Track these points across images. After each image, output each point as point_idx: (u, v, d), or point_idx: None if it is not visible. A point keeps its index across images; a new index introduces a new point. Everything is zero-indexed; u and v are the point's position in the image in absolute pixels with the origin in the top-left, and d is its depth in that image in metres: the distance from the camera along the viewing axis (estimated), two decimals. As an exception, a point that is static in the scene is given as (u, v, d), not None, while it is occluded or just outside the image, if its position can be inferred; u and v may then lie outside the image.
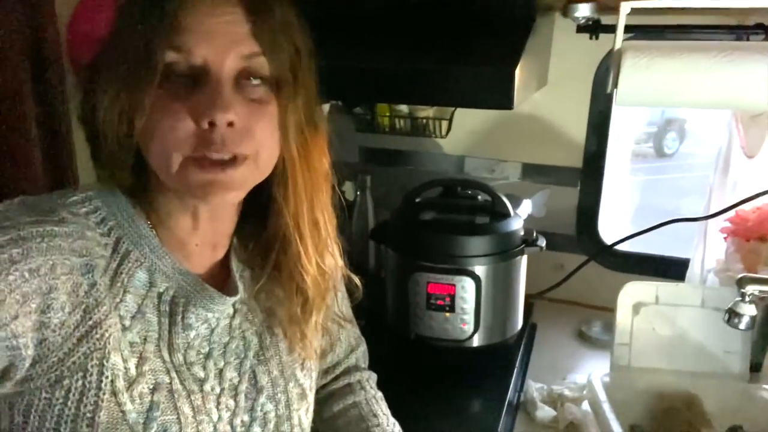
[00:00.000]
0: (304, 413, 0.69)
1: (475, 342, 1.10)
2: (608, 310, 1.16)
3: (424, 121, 1.42)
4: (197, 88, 0.52)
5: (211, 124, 0.51)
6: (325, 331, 0.73)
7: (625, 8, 0.98)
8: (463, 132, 1.45)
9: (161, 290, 0.58)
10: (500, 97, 0.89)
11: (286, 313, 0.66)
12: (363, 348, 0.87)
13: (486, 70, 0.91)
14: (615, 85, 0.98)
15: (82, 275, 0.52)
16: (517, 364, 1.14)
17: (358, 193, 1.46)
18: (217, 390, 0.60)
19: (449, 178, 1.22)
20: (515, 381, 1.10)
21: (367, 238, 1.32)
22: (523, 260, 1.14)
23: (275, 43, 0.55)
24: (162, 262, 0.58)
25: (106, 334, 0.52)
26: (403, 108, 1.41)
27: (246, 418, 0.62)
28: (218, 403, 0.60)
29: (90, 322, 0.51)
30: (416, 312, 1.08)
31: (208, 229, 0.62)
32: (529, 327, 1.29)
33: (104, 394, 0.52)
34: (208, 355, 0.61)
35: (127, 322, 0.55)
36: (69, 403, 0.51)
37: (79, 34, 0.88)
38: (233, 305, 0.64)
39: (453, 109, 1.40)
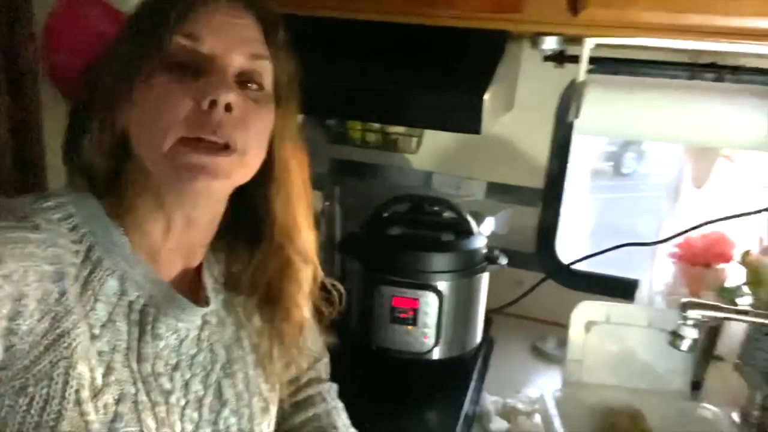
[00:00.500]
0: (266, 427, 0.69)
1: (435, 355, 1.13)
2: (563, 327, 1.21)
3: (395, 136, 1.45)
4: (200, 77, 0.54)
5: (212, 104, 0.53)
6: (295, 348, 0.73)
7: (589, 44, 1.04)
8: (432, 149, 1.49)
9: (132, 299, 0.58)
10: (469, 121, 0.93)
11: (268, 326, 0.68)
12: (326, 360, 0.89)
13: (456, 96, 0.95)
14: (577, 115, 1.04)
15: (53, 283, 0.52)
16: (475, 377, 1.18)
17: (327, 203, 1.48)
18: (183, 402, 0.60)
19: (417, 195, 1.25)
20: (472, 394, 1.14)
21: (334, 248, 1.34)
22: (485, 277, 1.18)
23: (279, 56, 0.59)
24: (134, 270, 0.58)
25: (74, 344, 0.52)
26: (375, 123, 1.45)
27: (208, 431, 0.62)
28: (182, 416, 0.60)
29: (58, 331, 0.51)
30: (379, 324, 1.11)
31: (182, 236, 0.62)
32: (487, 341, 1.33)
33: (68, 403, 0.51)
34: (175, 367, 0.61)
35: (96, 331, 0.55)
36: (32, 411, 0.51)
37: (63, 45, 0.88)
38: (203, 317, 0.64)
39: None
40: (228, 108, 0.54)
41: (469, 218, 1.17)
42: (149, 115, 0.54)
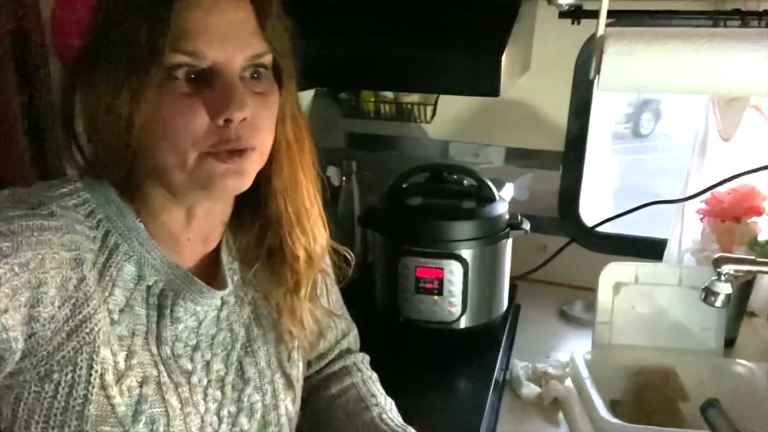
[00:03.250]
0: (290, 403, 0.69)
1: (463, 323, 1.13)
2: (589, 290, 1.20)
3: (409, 106, 1.43)
4: (206, 86, 0.53)
5: (227, 121, 0.52)
6: (315, 320, 0.73)
7: (608, -5, 1.00)
8: (447, 117, 1.47)
9: (150, 283, 0.58)
10: (487, 84, 0.91)
11: (280, 297, 0.67)
12: (354, 332, 0.89)
13: (473, 58, 0.92)
14: (597, 71, 1.00)
15: (72, 269, 0.52)
16: (503, 344, 1.18)
17: (344, 178, 1.47)
18: (204, 382, 0.61)
19: (435, 163, 1.23)
20: (501, 360, 1.14)
21: (353, 223, 1.33)
22: (509, 243, 1.16)
23: (278, 35, 0.57)
24: (151, 255, 0.58)
25: (96, 329, 0.52)
26: (388, 93, 1.42)
27: (233, 408, 0.63)
28: (205, 395, 0.61)
29: (79, 317, 0.52)
30: (405, 296, 1.10)
31: (202, 224, 0.62)
32: (514, 308, 1.32)
33: (93, 387, 0.52)
34: (195, 348, 0.61)
35: (115, 316, 0.55)
36: (58, 396, 0.52)
37: (64, 20, 0.87)
38: (221, 297, 0.64)
39: (438, 95, 1.42)
40: (242, 119, 0.54)
41: (491, 185, 1.15)
42: (166, 133, 0.52)
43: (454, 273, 1.07)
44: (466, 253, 1.08)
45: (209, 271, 0.65)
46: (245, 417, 0.64)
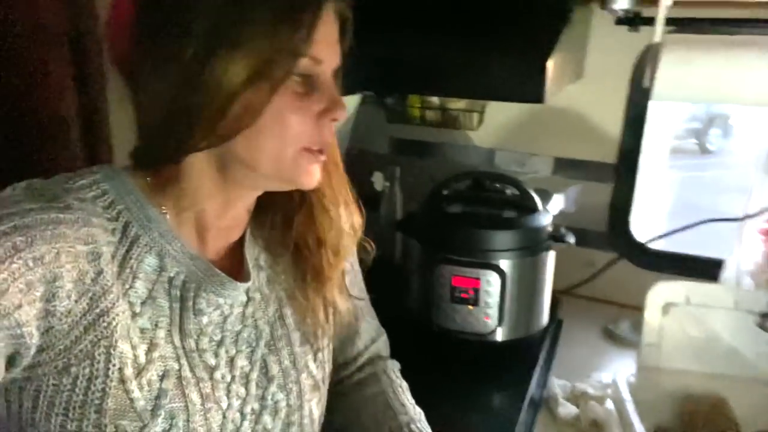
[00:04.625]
0: (315, 404, 0.69)
1: (499, 336, 1.09)
2: (637, 309, 1.14)
3: (455, 113, 1.41)
4: (311, 88, 0.56)
5: (333, 120, 0.57)
6: (344, 313, 0.73)
7: (666, 0, 0.95)
8: (494, 125, 1.44)
9: (172, 275, 0.58)
10: (532, 90, 0.88)
11: (310, 289, 0.67)
12: (384, 338, 0.88)
13: (517, 62, 0.90)
14: (652, 79, 0.96)
15: (88, 263, 0.52)
16: (541, 361, 1.13)
17: (387, 184, 1.46)
18: (228, 378, 0.61)
19: (478, 170, 1.21)
20: (538, 377, 1.10)
21: (395, 229, 1.32)
22: (550, 256, 1.12)
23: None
24: (172, 246, 0.58)
25: (113, 323, 0.52)
26: (435, 99, 1.41)
27: (256, 406, 0.62)
28: (228, 391, 0.60)
29: (97, 311, 0.52)
30: (440, 304, 1.08)
31: (234, 214, 0.63)
32: (555, 323, 1.28)
33: (112, 381, 0.52)
34: (220, 343, 0.61)
35: (137, 308, 0.55)
36: (77, 390, 0.52)
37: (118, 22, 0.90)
38: (247, 293, 0.64)
39: (484, 101, 1.39)
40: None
41: (534, 195, 1.12)
42: (274, 127, 0.54)
43: (491, 283, 1.04)
44: (505, 264, 1.05)
45: (234, 265, 0.64)
46: (269, 416, 0.63)
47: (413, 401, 0.83)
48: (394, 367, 0.87)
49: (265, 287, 0.67)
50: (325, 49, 0.56)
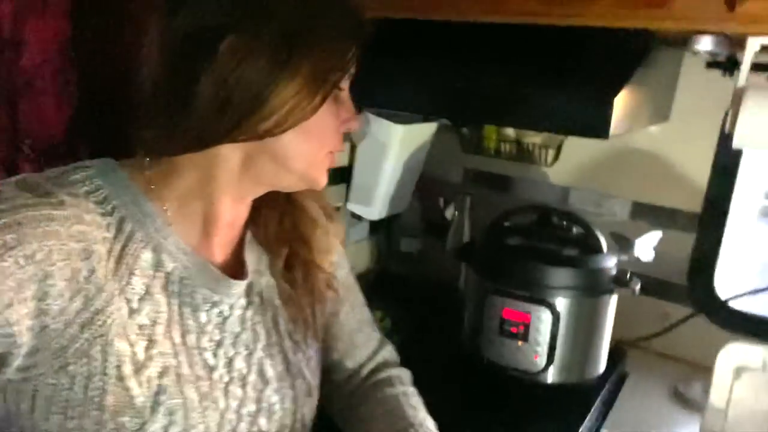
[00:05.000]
0: (308, 410, 0.69)
1: (550, 378, 1.05)
2: (711, 371, 1.05)
3: (531, 147, 1.40)
4: (336, 99, 0.59)
5: (350, 128, 0.62)
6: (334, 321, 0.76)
7: (752, 44, 0.90)
8: (571, 162, 1.40)
9: (169, 270, 0.57)
10: (596, 124, 0.86)
11: (301, 282, 0.69)
12: (389, 347, 0.86)
13: (584, 96, 0.89)
14: (733, 125, 0.90)
15: (81, 261, 0.51)
16: (594, 410, 1.07)
17: (456, 213, 1.47)
18: (226, 379, 0.61)
19: (545, 206, 1.18)
20: (589, 427, 1.04)
21: (455, 256, 1.32)
22: (612, 301, 1.07)
23: None
24: (167, 241, 0.57)
25: (108, 321, 0.52)
26: (510, 132, 1.40)
27: (253, 408, 0.62)
28: (226, 392, 0.60)
29: (91, 309, 0.51)
30: (489, 336, 1.06)
31: (242, 209, 0.64)
32: (617, 374, 1.21)
33: (110, 379, 0.52)
34: (219, 343, 0.61)
35: (135, 305, 0.54)
36: (75, 388, 0.51)
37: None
38: (248, 296, 0.65)
39: (562, 137, 1.37)
40: None
41: (600, 235, 1.08)
42: (317, 131, 0.58)
43: (542, 320, 1.01)
44: (560, 303, 1.02)
45: (234, 264, 0.65)
46: (264, 418, 0.63)
47: (424, 407, 0.79)
48: (402, 375, 0.84)
49: (265, 292, 0.67)
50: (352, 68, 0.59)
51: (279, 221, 0.68)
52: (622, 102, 0.88)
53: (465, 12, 0.99)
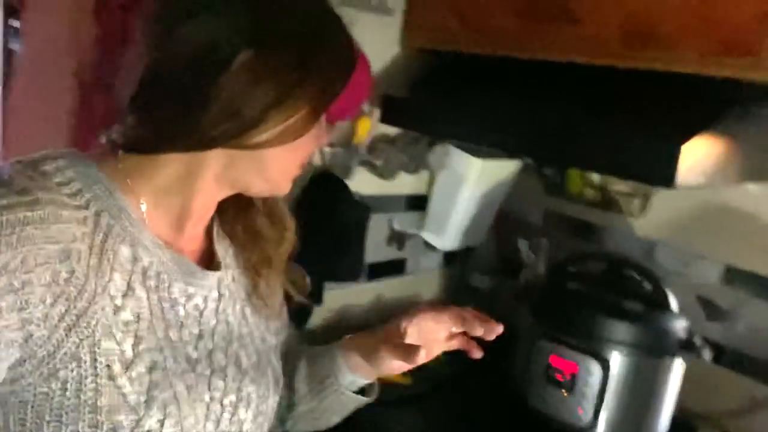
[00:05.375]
0: (276, 398, 0.70)
1: (596, 437, 0.99)
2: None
3: (616, 195, 1.33)
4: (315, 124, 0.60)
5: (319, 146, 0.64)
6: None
7: None
8: (660, 215, 1.32)
9: (145, 264, 0.56)
10: (661, 171, 0.82)
11: (271, 276, 0.69)
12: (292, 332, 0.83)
13: (651, 140, 0.85)
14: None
15: (60, 263, 0.49)
16: (645, 483, 0.99)
17: (532, 254, 1.43)
18: (208, 371, 0.61)
19: (614, 253, 1.13)
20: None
21: (515, 297, 1.29)
22: (676, 365, 0.99)
23: None
24: (142, 236, 0.56)
25: (93, 321, 0.51)
26: (595, 177, 1.35)
27: (233, 398, 0.63)
28: (209, 384, 0.60)
29: (75, 311, 0.50)
30: (534, 381, 1.02)
31: (211, 204, 0.64)
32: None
33: (102, 379, 0.51)
34: (199, 336, 0.61)
35: (118, 302, 0.53)
36: (68, 393, 0.50)
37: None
38: (219, 289, 0.65)
39: (650, 187, 1.30)
40: None
41: (669, 293, 1.01)
42: (304, 147, 0.59)
43: (591, 372, 0.96)
44: (614, 357, 0.96)
45: (204, 256, 0.66)
46: (243, 407, 0.64)
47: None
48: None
49: (232, 285, 0.68)
50: None
51: (244, 216, 0.69)
52: (695, 151, 0.82)
53: (551, 50, 1.00)
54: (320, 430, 0.81)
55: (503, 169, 1.42)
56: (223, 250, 0.68)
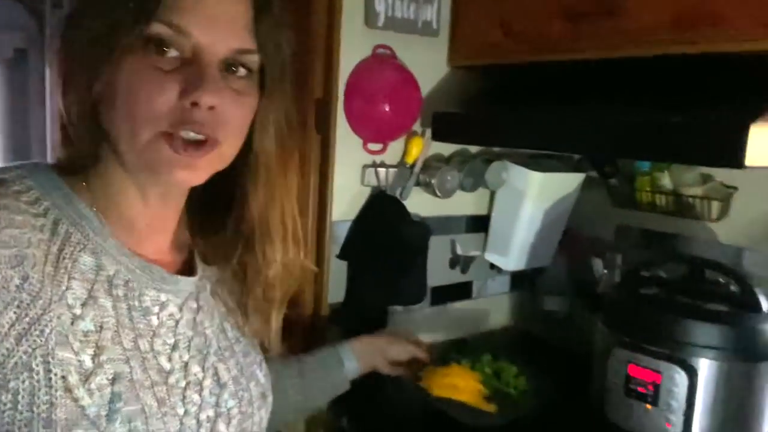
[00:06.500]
0: (264, 413, 0.67)
1: (690, 456, 0.89)
2: None
3: (691, 200, 1.25)
4: (183, 64, 0.51)
5: (194, 104, 0.50)
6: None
7: None
8: (743, 218, 1.22)
9: (111, 273, 0.54)
10: (729, 151, 0.76)
11: (248, 308, 0.67)
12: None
13: (718, 122, 0.80)
14: None
15: (12, 268, 0.47)
16: None
17: (605, 271, 1.35)
18: (182, 383, 0.57)
19: (698, 257, 1.04)
20: None
21: (587, 310, 1.21)
22: (775, 371, 0.88)
23: (270, 38, 0.55)
24: (107, 243, 0.54)
25: (47, 330, 0.48)
26: (666, 183, 1.28)
27: (211, 413, 0.59)
28: (183, 397, 0.57)
29: (27, 319, 0.47)
30: (613, 396, 0.94)
31: (159, 211, 0.59)
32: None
33: (56, 391, 0.48)
34: (174, 347, 0.58)
35: (77, 311, 0.50)
36: (19, 406, 0.47)
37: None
38: (197, 300, 0.62)
39: (730, 188, 1.21)
40: (211, 107, 0.51)
41: (759, 293, 0.91)
42: (126, 103, 0.50)
43: (676, 382, 0.87)
44: (702, 364, 0.87)
45: (178, 265, 0.63)
46: (223, 423, 0.61)
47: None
48: None
49: (211, 299, 0.65)
50: (196, 19, 0.51)
51: (227, 231, 0.64)
52: (763, 129, 0.76)
53: (599, 48, 0.98)
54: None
55: (566, 182, 1.37)
56: (203, 264, 0.65)
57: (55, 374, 0.48)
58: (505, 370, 1.08)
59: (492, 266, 1.46)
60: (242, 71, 0.55)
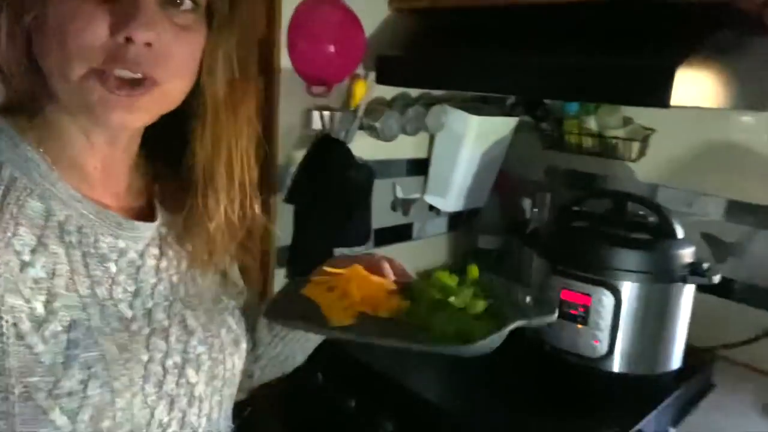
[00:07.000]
0: (238, 360, 0.65)
1: (614, 366, 1.00)
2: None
3: (614, 141, 1.35)
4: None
5: (128, 40, 0.47)
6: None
7: None
8: (659, 157, 1.34)
9: (61, 219, 0.51)
10: (654, 90, 0.84)
11: (199, 257, 0.63)
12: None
13: (645, 62, 0.87)
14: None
15: None
16: (665, 408, 1.00)
17: (536, 210, 1.45)
18: (146, 330, 0.56)
19: (619, 191, 1.14)
20: (653, 424, 0.97)
21: (521, 240, 1.30)
22: (686, 291, 1.00)
23: None
24: (56, 188, 0.51)
25: None
26: (592, 125, 1.37)
27: (179, 359, 0.58)
28: (148, 344, 0.55)
29: None
30: (548, 318, 1.04)
31: (108, 154, 0.56)
32: (701, 380, 1.11)
33: (9, 339, 0.46)
34: (135, 294, 0.56)
35: (26, 257, 0.48)
36: None
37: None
38: (160, 247, 0.60)
39: (648, 130, 1.32)
40: (148, 44, 0.48)
41: (675, 223, 1.02)
42: (55, 36, 0.47)
43: (603, 303, 0.97)
44: (624, 287, 0.97)
45: (135, 210, 0.60)
46: (192, 369, 0.59)
47: None
48: None
49: (176, 244, 0.62)
50: None
51: (182, 177, 0.60)
52: (689, 70, 0.84)
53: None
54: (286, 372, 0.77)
55: (501, 126, 1.43)
56: (169, 210, 0.62)
57: (6, 321, 0.46)
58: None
59: (431, 208, 1.51)
60: (188, 4, 0.51)
